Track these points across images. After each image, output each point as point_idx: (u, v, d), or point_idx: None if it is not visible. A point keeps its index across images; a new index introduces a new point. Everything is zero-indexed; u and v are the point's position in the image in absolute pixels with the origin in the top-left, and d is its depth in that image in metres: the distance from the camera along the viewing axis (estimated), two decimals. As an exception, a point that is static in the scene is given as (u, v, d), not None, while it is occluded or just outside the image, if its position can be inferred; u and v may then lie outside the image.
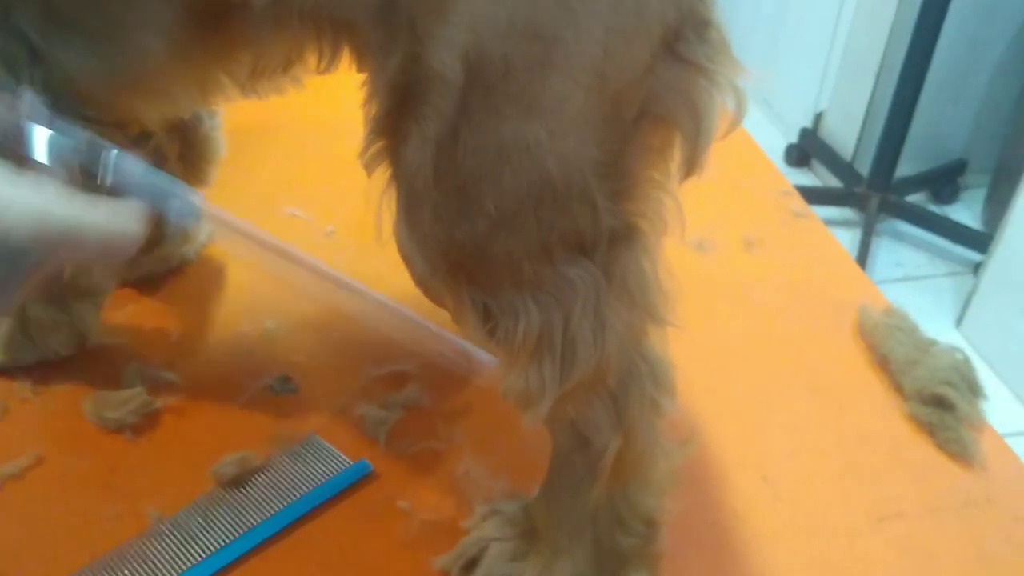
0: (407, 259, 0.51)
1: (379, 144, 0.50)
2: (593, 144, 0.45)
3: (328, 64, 0.57)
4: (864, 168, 2.19)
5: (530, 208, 0.45)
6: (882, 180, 2.12)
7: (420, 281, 0.51)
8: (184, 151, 0.77)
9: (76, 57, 0.57)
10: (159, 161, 0.74)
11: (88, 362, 0.71)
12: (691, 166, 0.48)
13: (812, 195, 1.96)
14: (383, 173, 0.50)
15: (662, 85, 0.45)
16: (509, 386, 0.50)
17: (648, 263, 0.50)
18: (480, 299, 0.49)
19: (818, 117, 2.41)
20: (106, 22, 0.56)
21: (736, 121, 0.48)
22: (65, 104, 0.59)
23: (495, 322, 0.49)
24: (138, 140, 0.72)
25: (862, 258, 2.04)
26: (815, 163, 2.43)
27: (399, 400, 0.70)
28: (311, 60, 0.58)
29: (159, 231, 0.78)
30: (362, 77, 0.52)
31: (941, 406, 0.69)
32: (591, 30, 0.43)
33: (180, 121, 0.75)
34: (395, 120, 0.47)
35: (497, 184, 0.45)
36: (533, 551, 0.57)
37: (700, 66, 0.46)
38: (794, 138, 2.46)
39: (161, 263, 0.79)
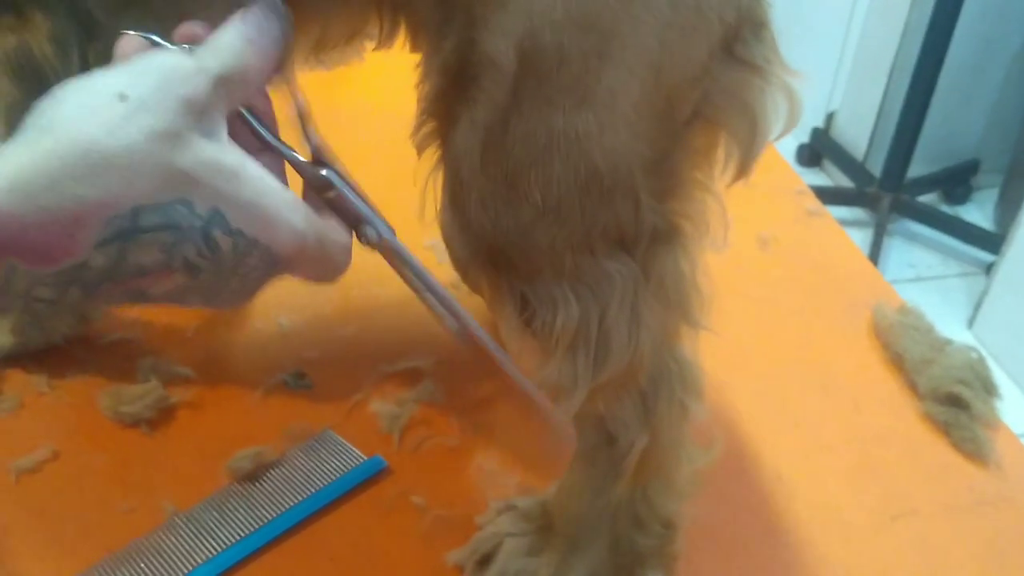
0: (449, 242, 0.51)
1: (430, 125, 0.50)
2: (644, 140, 0.45)
3: (386, 40, 0.57)
4: (876, 168, 2.19)
5: (575, 199, 0.45)
6: (894, 180, 2.12)
7: (459, 265, 0.51)
8: None
9: (142, 31, 0.57)
10: None
11: (104, 356, 0.72)
12: (743, 169, 0.48)
13: (824, 195, 1.95)
14: (433, 154, 0.50)
15: (718, 87, 0.45)
16: (544, 378, 0.50)
17: (687, 264, 0.50)
18: (519, 287, 0.49)
19: (830, 116, 2.40)
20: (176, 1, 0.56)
21: (791, 123, 0.48)
22: None
23: (532, 312, 0.49)
24: None
25: (874, 258, 2.04)
26: (827, 163, 2.43)
27: (413, 396, 0.70)
28: (373, 34, 0.58)
29: None
30: (403, 64, 0.52)
31: (956, 405, 0.69)
32: (648, 23, 0.43)
33: None
34: (446, 103, 0.47)
35: (545, 173, 0.45)
36: (548, 547, 0.57)
37: (757, 66, 0.46)
38: (806, 138, 2.45)
39: None
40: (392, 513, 0.62)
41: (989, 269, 1.98)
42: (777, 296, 0.82)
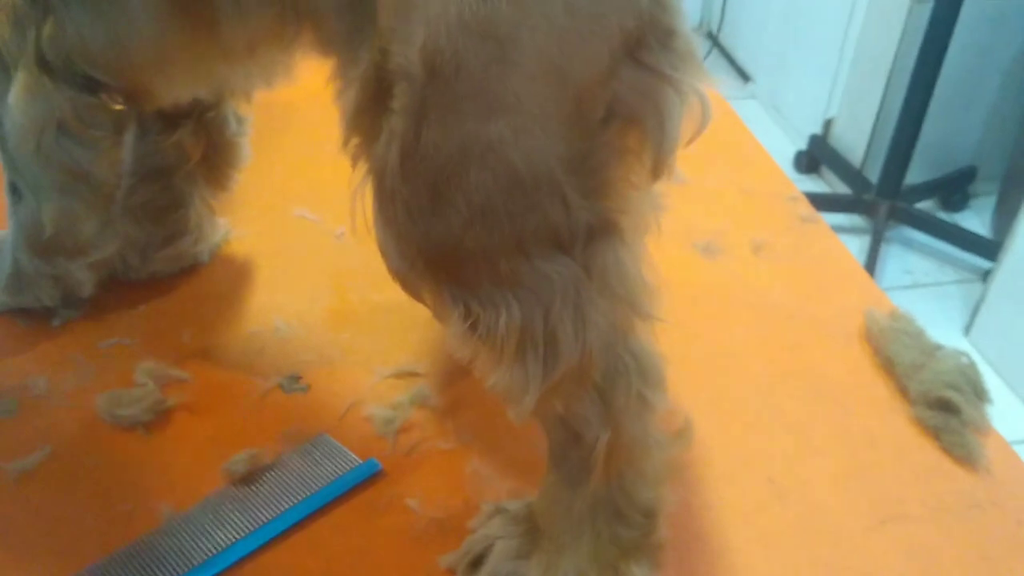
0: (383, 254, 0.51)
1: (355, 139, 0.50)
2: (559, 141, 0.46)
3: (290, 46, 0.59)
4: (873, 175, 2.19)
5: (500, 204, 0.46)
6: (891, 187, 2.13)
7: (397, 275, 0.52)
8: (208, 153, 0.78)
9: (85, 19, 0.59)
10: (181, 159, 0.76)
11: (101, 360, 0.72)
12: (657, 169, 0.48)
13: (821, 202, 1.97)
14: (362, 167, 0.51)
15: (627, 88, 0.46)
16: (495, 382, 0.51)
17: (629, 258, 0.50)
18: (460, 295, 0.49)
19: (828, 123, 2.41)
20: None
21: (701, 127, 0.49)
22: (75, 64, 0.61)
23: (475, 318, 0.49)
24: (160, 128, 0.73)
25: (871, 265, 2.05)
26: (824, 169, 2.44)
27: (408, 400, 0.70)
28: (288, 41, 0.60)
29: (171, 228, 0.79)
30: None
31: (946, 410, 0.70)
32: (545, 30, 0.43)
33: (207, 121, 0.77)
34: (367, 115, 0.48)
35: (465, 181, 0.45)
36: (537, 549, 0.58)
37: (663, 73, 0.46)
38: (803, 144, 2.46)
39: (173, 262, 0.80)
40: (386, 516, 0.63)
41: (986, 276, 1.99)
42: (770, 301, 0.82)
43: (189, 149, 0.75)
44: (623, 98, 0.46)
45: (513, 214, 0.46)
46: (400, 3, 0.44)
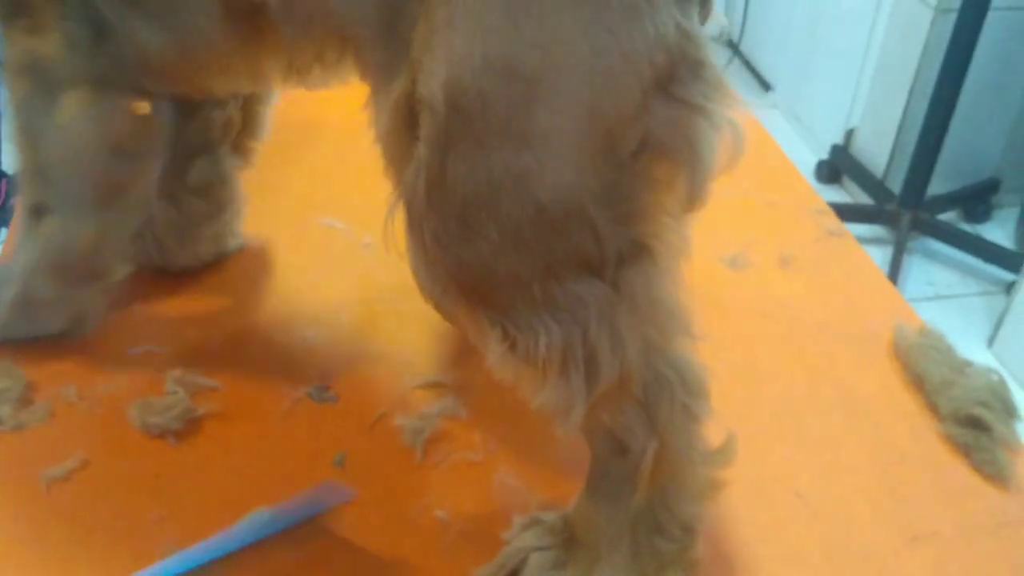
0: (415, 275, 0.52)
1: (388, 165, 0.51)
2: (588, 175, 0.46)
3: (333, 72, 0.61)
4: (896, 186, 2.18)
5: (530, 233, 0.46)
6: (914, 198, 2.11)
7: (430, 299, 0.52)
8: (229, 124, 0.79)
9: (148, 32, 0.60)
10: (227, 132, 0.77)
11: (132, 368, 0.73)
12: (692, 200, 0.49)
13: (843, 212, 1.94)
14: (396, 191, 0.52)
15: (659, 123, 0.46)
16: (542, 401, 0.51)
17: (660, 282, 0.51)
18: (496, 319, 0.50)
19: (850, 134, 2.40)
20: (168, 3, 0.59)
21: (735, 156, 0.49)
22: (135, 76, 0.63)
23: (513, 340, 0.50)
24: (212, 104, 0.75)
25: (893, 276, 2.03)
26: (846, 180, 2.42)
27: (436, 411, 0.70)
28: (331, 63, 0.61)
29: (214, 204, 0.80)
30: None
31: (977, 427, 0.69)
32: (573, 70, 0.44)
33: (248, 96, 0.78)
34: (396, 142, 0.49)
35: (494, 211, 0.46)
36: (573, 560, 0.58)
37: (696, 105, 0.47)
38: (825, 154, 2.45)
39: (212, 243, 0.82)
40: (415, 527, 0.63)
41: (1010, 288, 1.97)
42: (797, 315, 0.82)
43: (236, 122, 0.76)
44: (655, 131, 0.47)
45: (542, 243, 0.47)
46: (427, 39, 0.45)
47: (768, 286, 0.85)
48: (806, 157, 2.49)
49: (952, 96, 1.98)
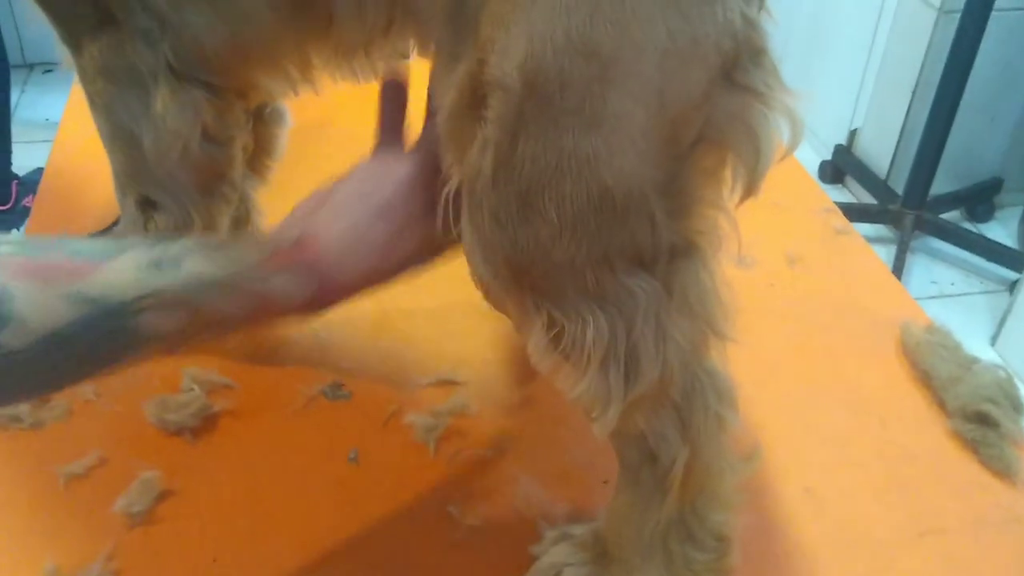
0: (469, 260, 0.52)
1: (447, 143, 0.51)
2: (652, 163, 0.46)
3: (394, 53, 0.61)
4: (899, 185, 2.18)
5: (590, 218, 0.46)
6: (917, 198, 2.12)
7: (481, 283, 0.52)
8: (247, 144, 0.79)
9: (203, 22, 0.60)
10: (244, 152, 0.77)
11: (149, 366, 0.73)
12: (749, 189, 0.49)
13: (846, 212, 1.95)
14: (456, 172, 0.51)
15: (720, 112, 0.47)
16: (579, 395, 0.51)
17: (708, 278, 0.51)
18: (544, 306, 0.50)
19: (853, 134, 2.41)
20: None
21: (793, 144, 0.49)
22: (195, 68, 0.63)
23: (560, 330, 0.50)
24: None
25: (896, 275, 2.04)
26: (849, 180, 2.43)
27: (448, 408, 0.71)
28: (388, 47, 0.61)
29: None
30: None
31: (984, 423, 0.70)
32: (649, 52, 0.44)
33: (265, 116, 0.78)
34: (460, 121, 0.49)
35: (558, 193, 0.46)
36: (607, 574, 0.58)
37: (757, 91, 0.47)
38: (828, 155, 2.45)
39: None
40: (427, 522, 0.64)
41: (1013, 287, 1.97)
42: (805, 314, 0.83)
43: (250, 145, 0.77)
44: (715, 121, 0.47)
45: (602, 229, 0.47)
46: (504, 16, 0.45)
47: (776, 284, 0.86)
48: (809, 157, 2.50)
49: (955, 96, 1.99)
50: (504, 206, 0.48)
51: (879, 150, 2.30)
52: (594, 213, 0.46)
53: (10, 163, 1.98)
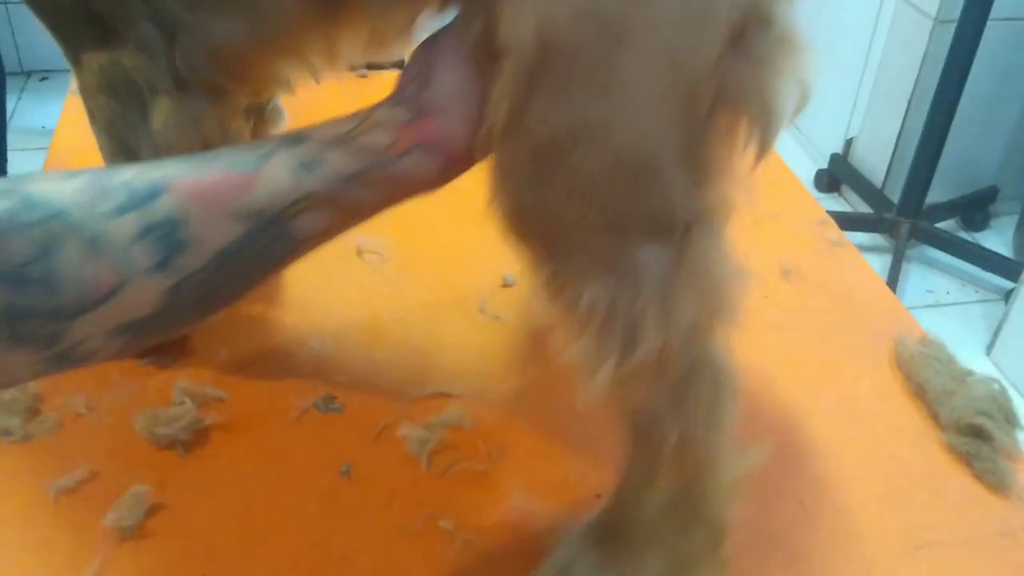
0: (494, 196, 0.51)
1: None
2: (667, 130, 0.46)
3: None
4: (895, 194, 2.19)
5: (603, 184, 0.46)
6: (913, 207, 2.12)
7: (503, 222, 0.51)
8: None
9: (224, 22, 0.60)
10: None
11: (140, 379, 0.73)
12: (763, 150, 0.49)
13: (842, 221, 1.95)
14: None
15: (730, 80, 0.47)
16: (572, 354, 0.51)
17: (719, 252, 0.51)
18: (551, 260, 0.50)
19: (849, 143, 2.41)
20: None
21: (802, 106, 0.49)
22: (209, 73, 0.62)
23: (560, 285, 0.50)
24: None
25: (892, 284, 2.04)
26: (845, 189, 2.43)
27: (441, 421, 0.71)
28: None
29: None
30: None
31: (978, 436, 0.70)
32: (661, 20, 0.44)
33: (265, 114, 0.78)
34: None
35: (569, 157, 0.46)
36: (615, 560, 0.58)
37: (764, 59, 0.47)
38: (824, 163, 2.46)
39: None
40: (420, 537, 0.63)
41: (1008, 296, 1.98)
42: (799, 326, 0.82)
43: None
44: (726, 90, 0.47)
45: (614, 195, 0.47)
46: None
47: (770, 296, 0.86)
48: (805, 166, 2.50)
49: (951, 106, 1.99)
50: (512, 160, 0.48)
51: (875, 159, 2.31)
52: (606, 180, 0.46)
53: (6, 170, 1.98)
